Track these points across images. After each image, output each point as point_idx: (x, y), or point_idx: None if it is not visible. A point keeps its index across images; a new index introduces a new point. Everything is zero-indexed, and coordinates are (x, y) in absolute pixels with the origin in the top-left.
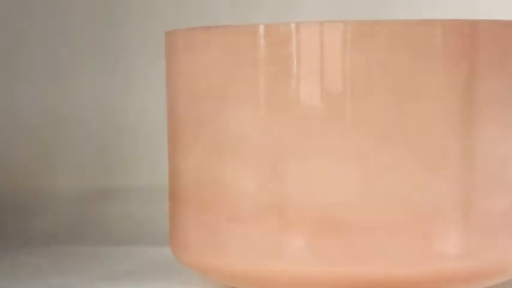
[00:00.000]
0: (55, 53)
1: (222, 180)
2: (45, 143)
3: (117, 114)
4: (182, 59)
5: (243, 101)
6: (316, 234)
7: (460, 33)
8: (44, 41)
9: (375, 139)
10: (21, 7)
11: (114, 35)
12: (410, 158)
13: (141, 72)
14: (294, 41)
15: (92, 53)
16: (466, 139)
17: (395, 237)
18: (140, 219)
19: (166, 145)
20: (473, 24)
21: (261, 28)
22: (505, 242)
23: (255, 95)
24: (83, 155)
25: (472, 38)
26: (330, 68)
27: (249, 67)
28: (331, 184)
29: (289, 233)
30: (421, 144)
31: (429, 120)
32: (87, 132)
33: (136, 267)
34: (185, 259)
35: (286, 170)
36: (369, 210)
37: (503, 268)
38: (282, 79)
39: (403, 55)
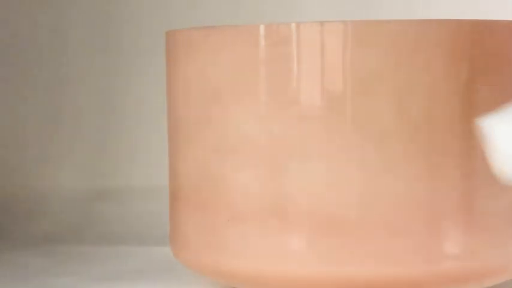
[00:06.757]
0: (54, 53)
1: (222, 180)
2: (45, 143)
3: (117, 114)
4: (182, 59)
5: (243, 101)
6: (316, 234)
7: (460, 33)
8: (43, 41)
9: (374, 139)
10: (20, 7)
11: (114, 35)
12: (410, 158)
13: (141, 72)
14: (294, 41)
15: (91, 53)
16: (466, 139)
17: (395, 237)
18: (140, 219)
19: (166, 145)
20: (473, 24)
21: (261, 28)
22: (505, 242)
23: (255, 95)
24: (82, 155)
25: (472, 38)
26: (330, 68)
27: (249, 67)
28: (331, 184)
29: (289, 233)
30: (421, 145)
31: (429, 120)
32: (87, 132)
33: (136, 267)
34: (185, 259)
35: (287, 170)
36: (369, 210)
37: (503, 268)
38: (282, 79)
39: (403, 55)
